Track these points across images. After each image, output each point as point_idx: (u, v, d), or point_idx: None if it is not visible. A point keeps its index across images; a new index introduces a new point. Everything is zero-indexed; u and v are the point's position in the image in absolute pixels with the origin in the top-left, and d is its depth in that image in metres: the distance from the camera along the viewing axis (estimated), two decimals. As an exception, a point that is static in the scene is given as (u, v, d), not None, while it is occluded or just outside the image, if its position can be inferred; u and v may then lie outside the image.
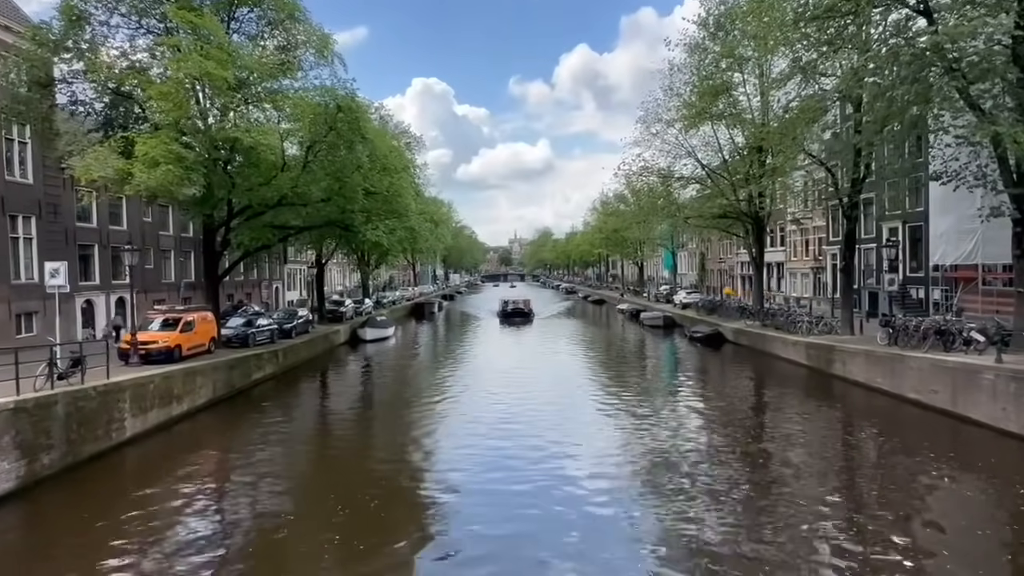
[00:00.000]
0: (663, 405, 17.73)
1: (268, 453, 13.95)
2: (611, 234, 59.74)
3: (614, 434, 14.55)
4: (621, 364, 26.13)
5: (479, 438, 14.29)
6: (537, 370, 23.34)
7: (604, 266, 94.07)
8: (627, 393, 19.49)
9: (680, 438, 14.14)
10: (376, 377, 25.19)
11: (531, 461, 12.53)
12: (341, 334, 33.21)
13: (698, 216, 31.54)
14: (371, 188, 23.81)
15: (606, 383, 21.22)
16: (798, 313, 27.43)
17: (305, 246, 34.58)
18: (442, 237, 60.88)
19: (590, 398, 18.61)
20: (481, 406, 17.35)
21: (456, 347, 32.43)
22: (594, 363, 26.34)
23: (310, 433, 16.16)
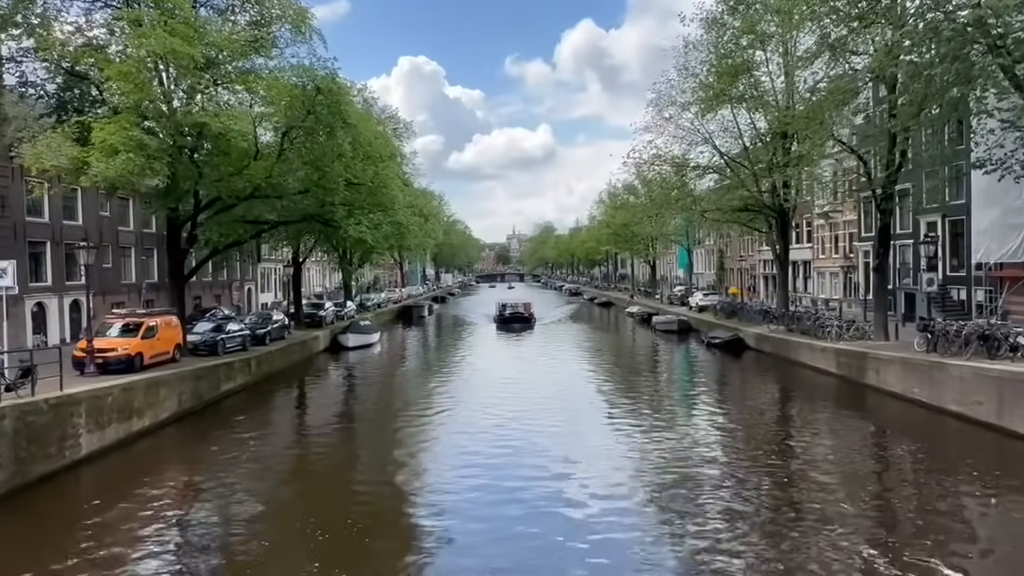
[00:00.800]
0: (678, 420, 17.74)
1: (239, 473, 13.91)
2: (620, 229, 59.83)
3: (623, 453, 14.51)
4: (631, 374, 26.15)
5: (473, 457, 14.25)
6: (537, 382, 23.32)
7: (612, 265, 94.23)
8: (637, 407, 19.49)
9: (697, 457, 14.11)
10: (359, 389, 25.17)
11: (531, 484, 12.47)
12: (320, 340, 33.20)
13: (716, 209, 31.65)
14: (353, 178, 23.85)
15: (614, 396, 21.23)
16: (827, 316, 27.48)
17: (280, 243, 34.64)
18: (432, 233, 60.78)
19: (597, 413, 18.62)
20: (475, 422, 17.31)
21: (448, 356, 32.42)
22: (601, 373, 26.36)
23: (286, 451, 16.14)
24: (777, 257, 31.62)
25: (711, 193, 33.98)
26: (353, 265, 42.67)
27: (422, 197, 50.66)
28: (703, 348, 32.23)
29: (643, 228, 50.54)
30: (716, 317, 36.93)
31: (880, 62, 17.47)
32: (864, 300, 29.31)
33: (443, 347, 37.43)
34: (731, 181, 30.31)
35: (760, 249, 45.77)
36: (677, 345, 34.72)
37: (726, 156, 30.50)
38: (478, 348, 34.33)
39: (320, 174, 22.34)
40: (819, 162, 27.14)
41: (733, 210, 31.10)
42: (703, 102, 28.23)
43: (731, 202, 30.22)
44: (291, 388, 24.48)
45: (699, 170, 31.58)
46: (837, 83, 20.10)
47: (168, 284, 24.91)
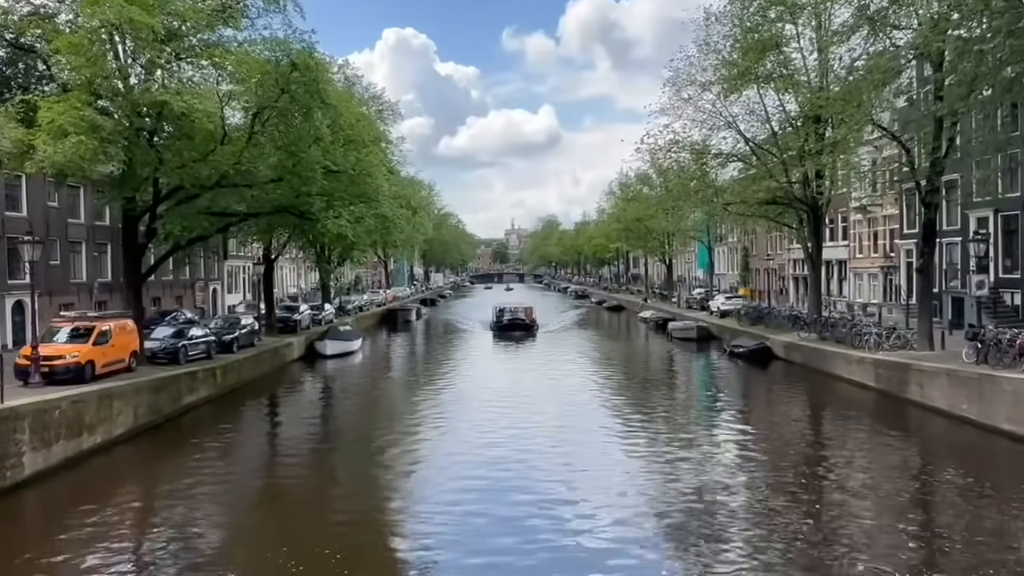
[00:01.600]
0: (696, 441, 17.70)
1: (202, 497, 13.87)
2: (632, 224, 59.88)
3: (634, 480, 14.41)
4: (644, 388, 26.17)
5: (465, 482, 14.15)
6: (538, 398, 23.27)
7: (623, 264, 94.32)
8: (651, 426, 19.47)
9: (718, 485, 14.02)
10: (338, 403, 25.16)
11: (529, 514, 12.40)
12: (295, 348, 33.23)
13: (740, 202, 31.61)
14: (333, 166, 23.91)
15: (625, 413, 21.21)
16: (864, 323, 27.48)
17: (250, 238, 34.63)
18: (421, 227, 60.84)
19: (604, 432, 18.59)
20: (468, 442, 17.26)
21: (438, 366, 32.42)
22: (610, 387, 26.38)
23: (255, 473, 16.08)
24: (809, 256, 31.64)
25: (735, 184, 33.89)
26: (332, 263, 42.73)
27: (410, 187, 50.80)
28: (725, 358, 32.25)
29: (658, 223, 50.66)
30: (740, 323, 36.87)
31: (925, 37, 17.46)
32: (906, 305, 29.29)
33: (433, 356, 37.44)
34: (757, 170, 30.32)
35: (790, 247, 45.78)
36: (696, 355, 34.72)
37: (752, 142, 30.53)
38: (472, 358, 34.21)
39: (295, 160, 22.38)
40: (856, 150, 27.08)
41: (759, 203, 31.05)
42: (726, 81, 28.22)
43: (757, 194, 30.16)
44: (261, 401, 24.43)
45: (721, 158, 31.58)
46: (877, 61, 20.08)
47: (123, 284, 24.87)
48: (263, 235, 32.56)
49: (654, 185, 55.03)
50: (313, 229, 28.61)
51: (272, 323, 34.48)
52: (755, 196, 30.38)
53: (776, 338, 31.21)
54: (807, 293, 35.52)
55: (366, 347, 38.66)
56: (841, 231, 41.42)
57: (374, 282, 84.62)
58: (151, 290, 34.62)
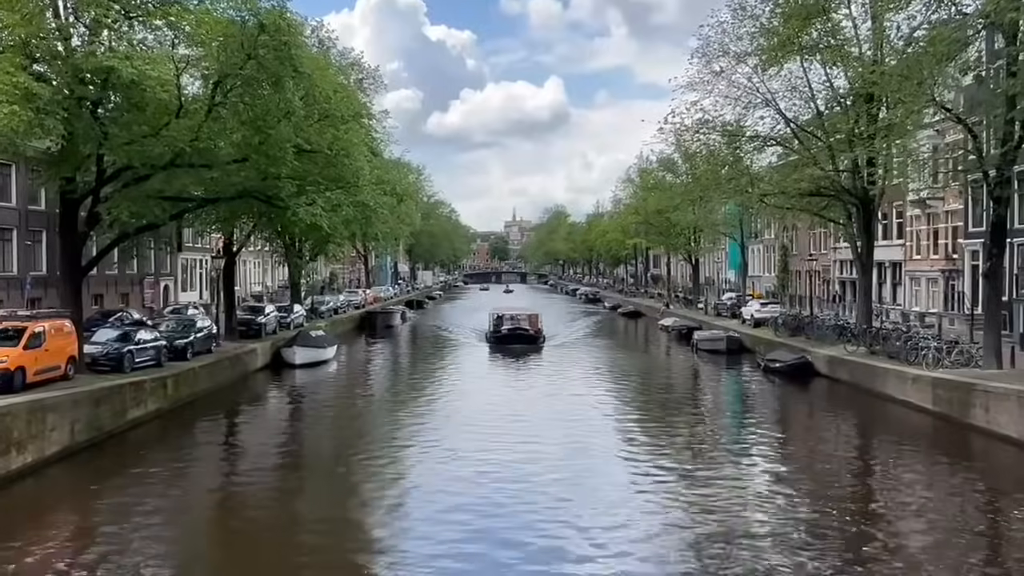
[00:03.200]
0: (724, 473, 17.61)
1: (147, 528, 13.81)
2: (653, 217, 59.90)
3: (653, 522, 14.18)
4: (665, 409, 26.11)
5: (451, 527, 13.87)
6: (540, 422, 23.06)
7: (642, 263, 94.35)
8: (672, 455, 19.42)
9: (752, 528, 13.88)
10: (307, 421, 25.17)
11: (529, 559, 12.32)
12: (258, 355, 33.29)
13: (779, 193, 31.63)
14: (306, 144, 23.98)
15: (642, 440, 21.14)
16: (921, 335, 27.42)
17: (209, 227, 34.60)
18: (408, 217, 60.59)
19: (619, 462, 18.50)
20: (457, 477, 17.02)
21: (424, 382, 32.41)
22: (625, 408, 26.36)
23: (209, 500, 16.02)
24: (858, 257, 31.67)
25: (773, 171, 34.01)
26: (303, 258, 42.72)
27: (395, 170, 50.62)
28: (759, 374, 32.28)
29: (683, 216, 50.61)
30: (777, 334, 36.87)
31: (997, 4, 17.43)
32: (971, 315, 29.23)
33: (418, 369, 37.42)
34: (799, 156, 30.31)
35: (836, 246, 45.80)
36: (725, 370, 34.68)
37: (793, 123, 30.57)
38: (464, 376, 33.76)
39: (262, 138, 22.34)
40: (915, 134, 27.04)
41: (801, 194, 31.09)
42: (764, 52, 28.27)
43: (799, 183, 30.19)
44: (219, 417, 24.46)
45: (758, 141, 31.63)
46: (939, 31, 20.06)
47: (60, 279, 24.83)
48: (224, 224, 32.50)
49: (679, 172, 55.12)
50: (282, 218, 28.51)
51: (233, 326, 34.50)
52: (796, 186, 30.40)
53: (819, 352, 31.20)
54: (855, 299, 35.44)
55: (341, 356, 38.68)
56: (896, 228, 41.41)
57: (352, 281, 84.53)
58: (93, 286, 34.59)
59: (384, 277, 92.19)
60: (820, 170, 29.10)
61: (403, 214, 58.07)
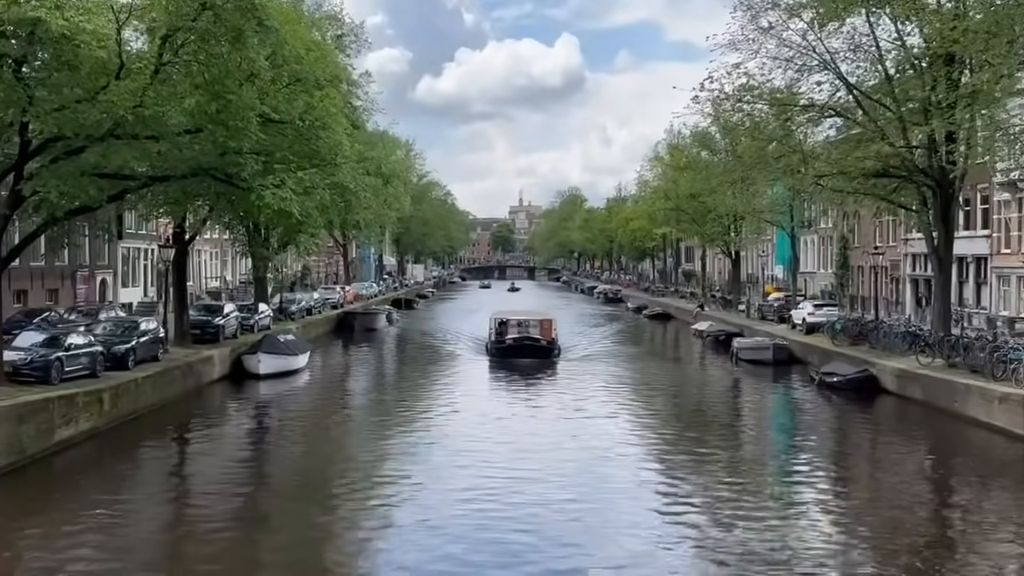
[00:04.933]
0: (772, 513, 17.40)
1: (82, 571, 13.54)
2: (685, 202, 59.60)
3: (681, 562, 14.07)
4: (698, 432, 25.88)
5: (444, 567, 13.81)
6: (548, 449, 22.66)
7: (672, 257, 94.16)
8: (707, 486, 19.17)
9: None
10: (273, 442, 25.01)
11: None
12: (215, 363, 33.22)
13: (838, 173, 31.36)
14: (273, 114, 23.76)
15: (671, 472, 20.86)
16: (1011, 345, 27.06)
17: (156, 211, 34.58)
18: (395, 201, 60.77)
19: (642, 499, 18.31)
20: (448, 511, 16.82)
21: (412, 397, 32.13)
22: (651, 431, 26.09)
23: (155, 538, 15.82)
24: (933, 250, 31.47)
25: (831, 148, 33.68)
26: (270, 249, 42.54)
27: (380, 145, 50.76)
28: (813, 390, 32.13)
29: (722, 201, 50.36)
30: (835, 342, 36.67)
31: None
32: (1070, 321, 28.95)
33: (404, 383, 37.10)
34: (863, 129, 30.07)
35: (907, 237, 45.45)
36: (771, 384, 34.40)
37: (857, 90, 30.30)
38: (458, 395, 32.63)
39: (220, 105, 22.20)
40: (1004, 102, 26.68)
41: (865, 175, 30.78)
42: (823, 5, 28.05)
43: (862, 162, 29.87)
44: (166, 438, 24.32)
45: (813, 111, 31.40)
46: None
47: (-23, 271, 24.64)
48: (174, 207, 32.40)
49: (717, 148, 54.78)
50: (244, 201, 28.41)
51: (184, 329, 34.34)
52: (859, 165, 30.07)
53: (885, 363, 31.00)
54: (930, 301, 35.10)
55: (314, 364, 38.63)
56: (980, 216, 40.95)
57: (328, 276, 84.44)
58: (15, 280, 34.44)
59: (367, 272, 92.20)
60: (889, 146, 28.83)
61: (389, 197, 58.07)
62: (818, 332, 39.68)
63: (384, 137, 61.19)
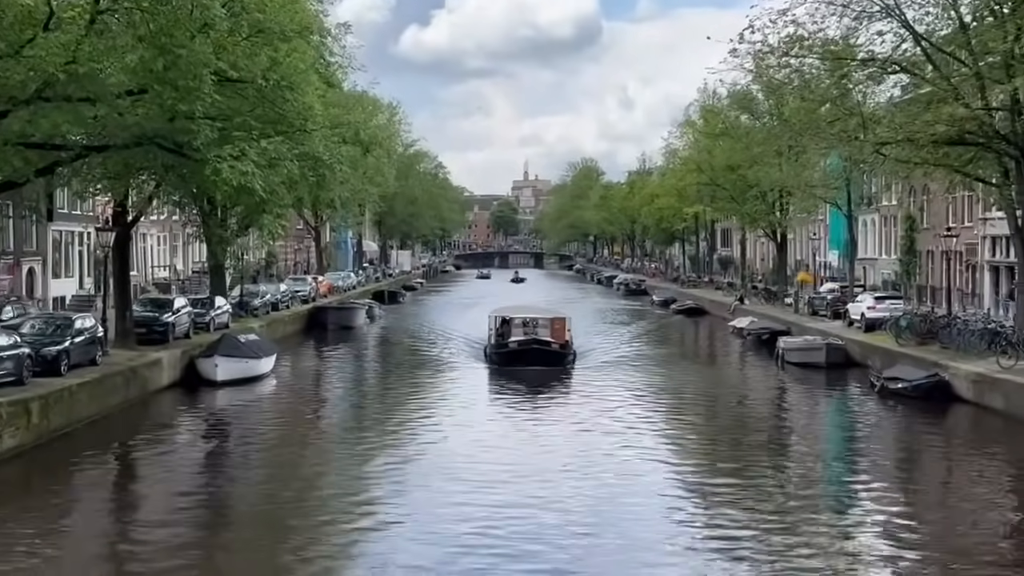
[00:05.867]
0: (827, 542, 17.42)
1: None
2: (721, 175, 59.68)
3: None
4: (739, 448, 25.81)
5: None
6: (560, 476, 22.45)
7: (706, 241, 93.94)
8: (751, 515, 19.10)
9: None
10: (231, 462, 24.98)
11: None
12: (164, 367, 33.22)
13: (904, 140, 31.30)
14: (231, 71, 23.94)
15: (708, 494, 20.84)
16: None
17: (94, 188, 34.70)
18: (377, 175, 60.50)
19: (677, 527, 18.37)
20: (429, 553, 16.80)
21: (395, 411, 31.75)
22: (685, 452, 25.98)
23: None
24: (1018, 231, 31.59)
25: (895, 110, 33.85)
26: (229, 233, 42.42)
27: (358, 108, 50.52)
28: (873, 398, 32.13)
29: (766, 173, 50.25)
30: (899, 341, 36.59)
31: None
32: None
33: (387, 393, 36.82)
34: (934, 89, 30.10)
35: (986, 216, 45.30)
36: (824, 391, 34.40)
37: (926, 41, 30.29)
38: (451, 411, 32.13)
39: (168, 60, 22.14)
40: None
41: (936, 142, 30.73)
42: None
43: (932, 127, 29.70)
44: (105, 457, 24.24)
45: (874, 66, 31.43)
46: None
47: None
48: (114, 183, 32.45)
49: (760, 111, 54.67)
50: (198, 175, 28.41)
51: (128, 327, 34.32)
52: (929, 131, 29.92)
53: (960, 367, 30.94)
54: (1014, 293, 34.95)
55: (281, 369, 38.63)
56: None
57: (298, 264, 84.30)
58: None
59: (343, 259, 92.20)
60: (964, 108, 28.68)
61: (370, 170, 57.86)
62: (880, 330, 39.75)
63: (363, 99, 61.00)
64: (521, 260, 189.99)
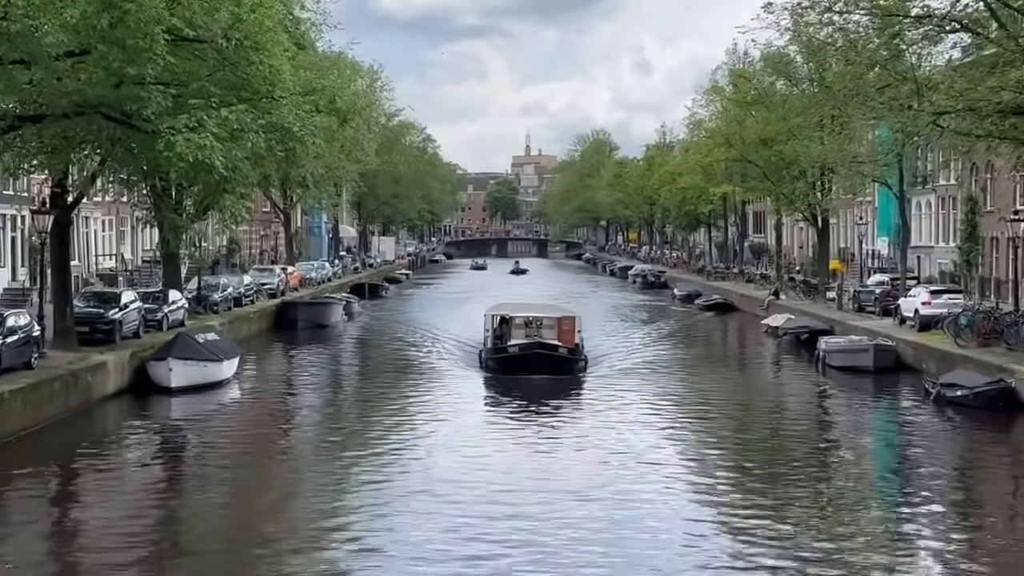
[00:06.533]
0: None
1: None
2: (753, 150, 60.03)
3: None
4: (775, 466, 25.84)
5: None
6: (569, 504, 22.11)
7: (735, 226, 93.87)
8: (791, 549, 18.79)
9: None
10: (188, 482, 24.95)
11: None
12: (110, 372, 33.19)
13: (965, 110, 31.32)
14: (187, 30, 24.37)
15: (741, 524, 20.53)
16: None
17: (28, 164, 34.74)
18: (356, 150, 60.28)
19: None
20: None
21: (375, 425, 31.62)
22: (715, 470, 25.66)
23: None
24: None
25: (954, 75, 33.57)
26: (185, 216, 42.47)
27: (334, 72, 50.31)
28: (929, 407, 32.16)
29: (805, 148, 50.27)
30: (959, 341, 36.55)
31: None
32: None
33: (367, 404, 36.53)
34: (1000, 49, 30.14)
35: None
36: (872, 400, 34.66)
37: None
38: (441, 427, 31.70)
39: (115, 16, 22.50)
40: None
41: (1001, 112, 30.57)
42: None
43: (998, 94, 29.68)
44: (41, 475, 24.10)
45: (930, 24, 31.42)
46: None
47: None
48: (52, 159, 32.48)
49: (799, 76, 54.65)
50: (148, 149, 28.40)
51: (68, 325, 34.36)
52: (994, 99, 29.86)
53: (1030, 373, 31.15)
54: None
55: (244, 374, 38.83)
56: None
57: (264, 253, 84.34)
58: None
59: (317, 247, 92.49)
60: (1033, 72, 28.84)
61: (347, 144, 57.84)
62: (936, 328, 39.60)
63: (340, 61, 60.89)
64: (522, 248, 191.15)
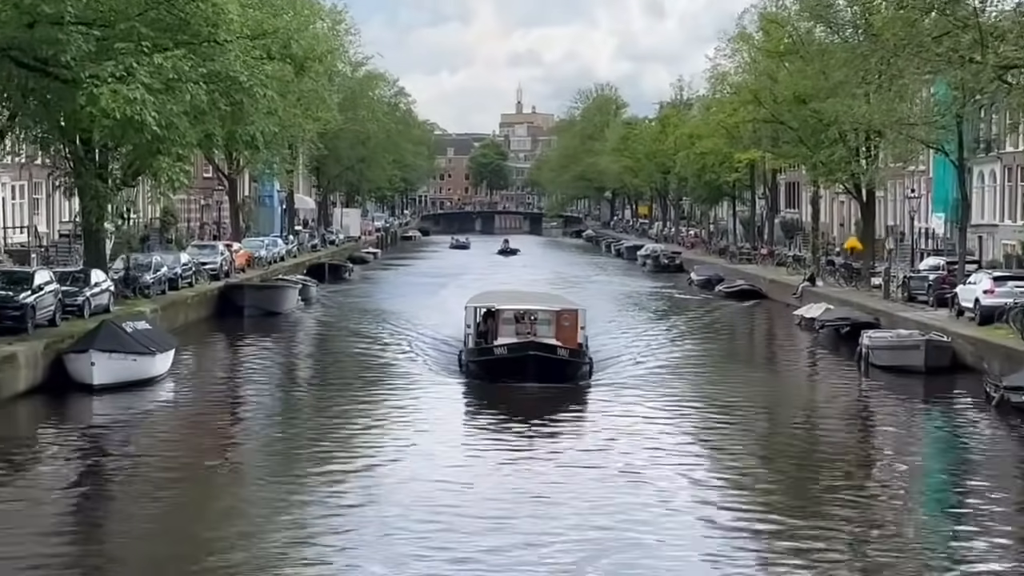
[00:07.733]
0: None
1: None
2: (786, 109, 60.46)
3: None
4: (812, 484, 26.03)
5: None
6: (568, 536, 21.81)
7: (764, 199, 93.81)
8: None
9: None
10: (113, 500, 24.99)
11: None
12: (21, 366, 33.36)
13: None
14: None
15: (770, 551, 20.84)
16: None
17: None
18: (315, 104, 60.29)
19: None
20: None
21: (336, 432, 31.54)
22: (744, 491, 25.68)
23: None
24: None
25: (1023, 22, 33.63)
26: (110, 183, 42.45)
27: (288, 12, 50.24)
28: (990, 413, 32.42)
29: (847, 107, 50.33)
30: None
31: None
32: None
33: (323, 406, 36.16)
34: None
35: None
36: (923, 405, 34.97)
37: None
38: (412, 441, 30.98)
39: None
40: None
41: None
42: None
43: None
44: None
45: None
46: None
47: None
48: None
49: (841, 23, 54.63)
50: (68, 103, 28.87)
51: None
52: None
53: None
54: None
55: (180, 370, 38.98)
56: None
57: (205, 226, 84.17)
58: None
59: (268, 220, 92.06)
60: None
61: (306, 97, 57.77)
62: (999, 321, 39.82)
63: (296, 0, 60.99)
64: (512, 223, 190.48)
